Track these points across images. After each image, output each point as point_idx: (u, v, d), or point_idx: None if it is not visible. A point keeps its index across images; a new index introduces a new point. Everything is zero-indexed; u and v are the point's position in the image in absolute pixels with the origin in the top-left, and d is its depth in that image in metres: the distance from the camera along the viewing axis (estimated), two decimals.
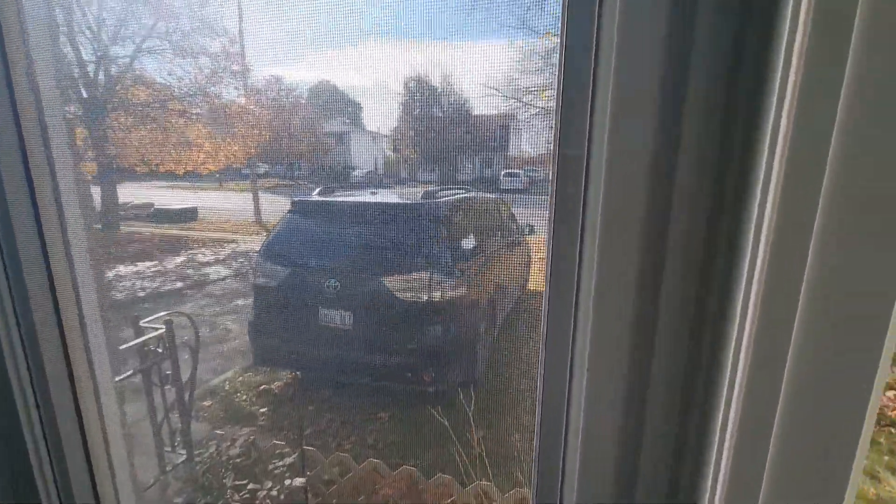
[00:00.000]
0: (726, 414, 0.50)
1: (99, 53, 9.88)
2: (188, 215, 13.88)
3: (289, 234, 3.77)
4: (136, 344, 3.01)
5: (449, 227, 3.75)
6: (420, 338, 3.33)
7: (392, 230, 3.57)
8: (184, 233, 12.90)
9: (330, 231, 3.68)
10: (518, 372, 4.32)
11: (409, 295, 3.28)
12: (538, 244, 10.68)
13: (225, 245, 10.28)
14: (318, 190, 4.30)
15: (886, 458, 3.50)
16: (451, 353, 3.44)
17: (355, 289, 3.40)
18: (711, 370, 0.53)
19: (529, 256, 7.55)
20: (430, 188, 4.09)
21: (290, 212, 3.87)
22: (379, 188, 6.44)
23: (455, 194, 4.42)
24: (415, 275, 3.28)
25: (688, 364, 0.54)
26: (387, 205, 3.66)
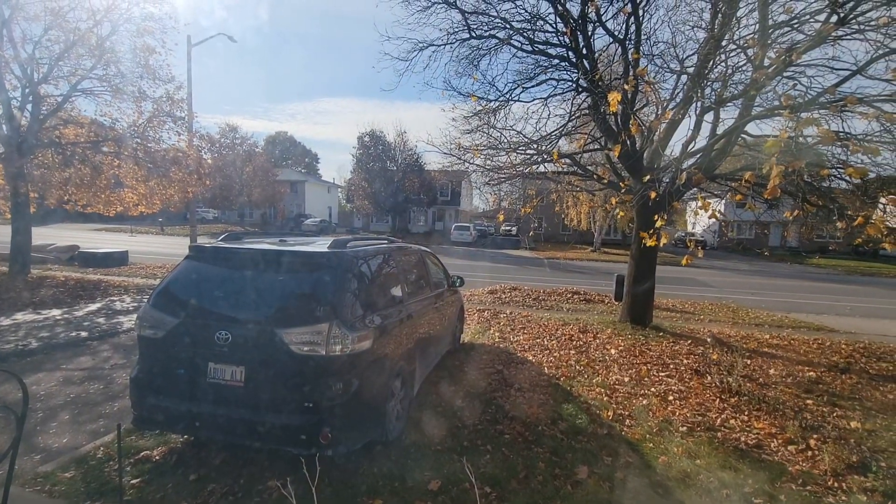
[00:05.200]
0: None
1: (27, 90, 9.27)
2: (117, 259, 13.13)
3: (182, 282, 3.44)
4: None
5: (359, 278, 3.57)
6: (318, 396, 3.02)
7: (292, 279, 3.33)
8: (107, 278, 11.96)
9: (226, 279, 3.40)
10: (440, 431, 4.02)
11: (306, 348, 3.00)
12: (475, 296, 10.55)
13: (149, 292, 9.46)
14: (223, 236, 4.01)
15: None
16: (354, 413, 3.13)
17: (248, 341, 3.08)
18: None
19: (461, 308, 7.41)
20: (342, 237, 3.93)
21: (187, 258, 3.56)
22: (323, 235, 6.07)
23: (372, 244, 4.27)
24: (314, 327, 3.02)
25: None
26: (287, 253, 3.45)
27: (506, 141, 9.05)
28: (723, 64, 6.04)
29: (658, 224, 6.03)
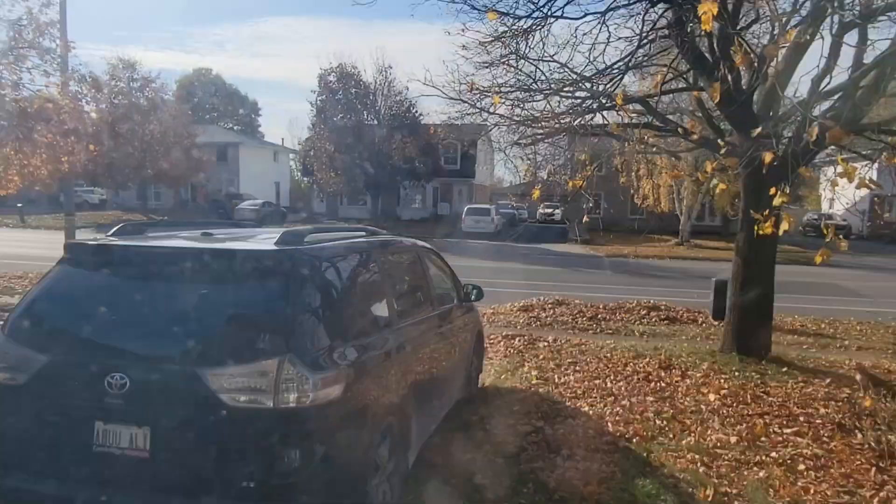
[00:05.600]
0: None
1: None
2: None
3: (54, 299, 3.48)
4: None
5: (324, 291, 3.59)
6: (264, 471, 3.02)
7: (222, 293, 3.37)
8: None
9: (120, 295, 3.44)
10: None
11: (244, 398, 3.00)
12: (501, 315, 10.64)
13: (2, 316, 9.57)
14: (115, 228, 4.04)
15: None
16: (319, 496, 3.14)
17: (155, 388, 3.08)
18: None
19: (479, 334, 7.45)
20: (297, 228, 3.93)
21: (61, 262, 3.59)
22: (261, 226, 6.17)
23: (342, 238, 4.26)
24: (256, 365, 3.03)
25: None
26: (214, 253, 3.50)
27: (543, 79, 9.00)
28: None
29: (777, 202, 5.96)
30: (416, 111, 40.48)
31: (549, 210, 48.72)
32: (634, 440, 5.64)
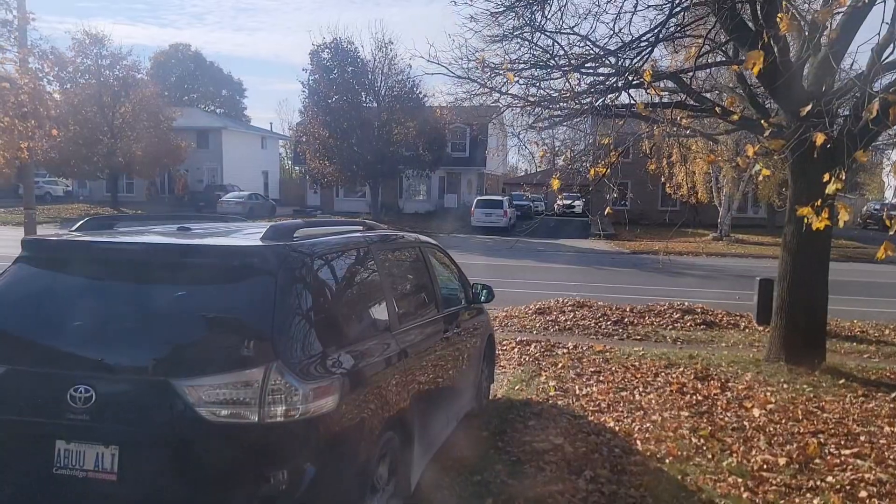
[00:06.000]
0: None
1: None
2: None
3: (10, 302, 3.50)
4: None
5: (315, 292, 3.62)
6: (247, 493, 3.03)
7: (201, 295, 3.37)
8: None
9: (85, 296, 3.44)
10: None
11: (225, 412, 3.01)
12: (514, 319, 10.65)
13: None
14: (81, 222, 4.05)
15: None
16: None
17: (124, 402, 3.09)
18: None
19: (490, 339, 7.43)
20: (286, 222, 3.92)
21: (18, 261, 3.60)
22: (250, 218, 6.15)
23: (336, 233, 4.26)
24: (238, 374, 3.03)
25: None
26: (192, 250, 3.53)
27: (562, 53, 8.95)
28: None
29: (831, 189, 5.90)
30: (420, 92, 40.47)
31: (569, 201, 48.74)
32: (667, 461, 5.60)
